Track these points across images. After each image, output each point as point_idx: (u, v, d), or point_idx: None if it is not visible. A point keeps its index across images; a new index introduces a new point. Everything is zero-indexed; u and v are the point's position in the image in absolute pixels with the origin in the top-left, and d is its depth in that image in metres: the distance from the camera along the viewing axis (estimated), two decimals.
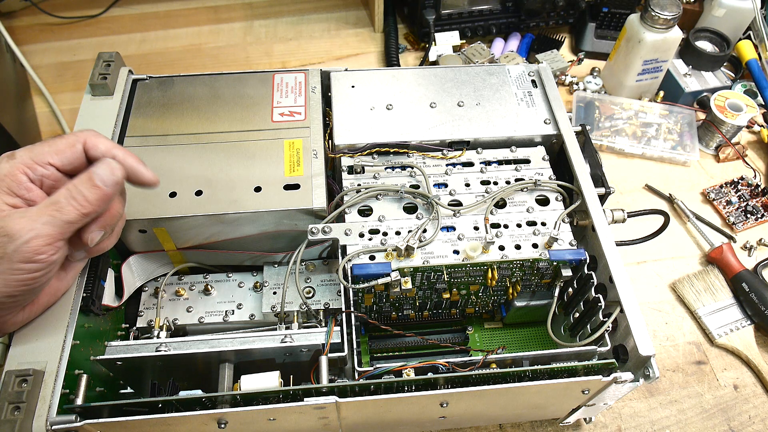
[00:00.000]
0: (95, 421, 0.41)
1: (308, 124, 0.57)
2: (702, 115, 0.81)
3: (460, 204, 0.53)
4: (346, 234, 0.50)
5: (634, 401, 0.60)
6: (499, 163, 0.57)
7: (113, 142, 0.45)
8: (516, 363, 0.49)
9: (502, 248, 0.50)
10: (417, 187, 0.54)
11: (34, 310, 0.43)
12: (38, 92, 0.86)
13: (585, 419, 0.59)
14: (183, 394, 0.45)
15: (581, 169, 0.55)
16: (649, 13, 0.76)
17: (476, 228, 0.52)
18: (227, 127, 0.56)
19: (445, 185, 0.55)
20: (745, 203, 0.75)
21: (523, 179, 0.55)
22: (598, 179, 0.55)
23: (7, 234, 0.37)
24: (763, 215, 0.74)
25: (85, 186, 0.40)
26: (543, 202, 0.54)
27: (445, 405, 0.47)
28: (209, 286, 0.55)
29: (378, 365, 0.48)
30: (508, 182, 0.55)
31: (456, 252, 0.50)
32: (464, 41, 0.91)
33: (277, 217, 0.52)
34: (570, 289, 0.54)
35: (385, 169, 0.55)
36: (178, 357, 0.47)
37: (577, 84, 0.88)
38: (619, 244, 0.53)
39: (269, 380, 0.45)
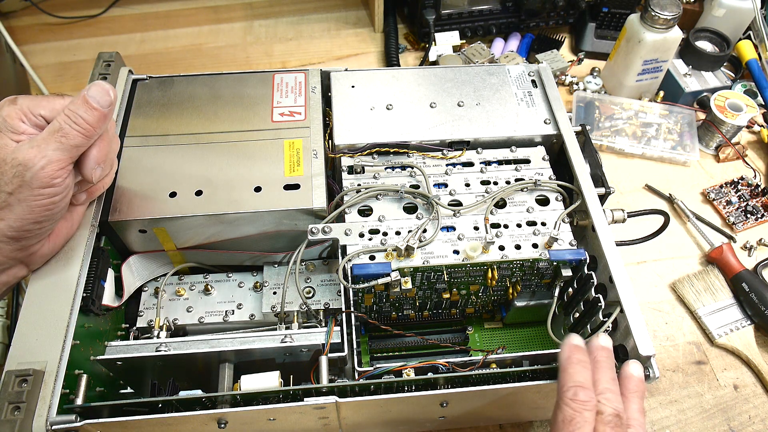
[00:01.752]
0: (95, 421, 0.41)
1: (308, 124, 0.57)
2: (702, 115, 0.81)
3: (460, 204, 0.53)
4: (346, 234, 0.50)
5: None
6: (499, 163, 0.57)
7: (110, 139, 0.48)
8: (516, 363, 0.49)
9: (502, 248, 0.51)
10: (417, 187, 0.54)
11: (52, 245, 0.46)
12: (38, 92, 0.86)
13: None
14: (183, 394, 0.45)
15: (581, 169, 0.55)
16: (649, 13, 0.76)
17: (476, 228, 0.52)
18: (227, 127, 0.56)
19: (445, 185, 0.55)
20: (745, 203, 0.75)
21: (523, 179, 0.55)
22: (598, 179, 0.55)
23: (22, 163, 0.40)
24: (763, 215, 0.74)
25: (83, 109, 0.42)
26: (543, 202, 0.54)
27: (445, 405, 0.47)
28: (209, 286, 0.55)
29: (378, 365, 0.49)
30: (508, 182, 0.55)
31: (456, 252, 0.50)
32: (464, 41, 0.91)
33: (277, 217, 0.52)
34: (570, 289, 0.54)
35: (385, 169, 0.55)
36: (178, 357, 0.47)
37: (577, 84, 0.88)
38: (619, 244, 0.53)
39: (269, 380, 0.45)
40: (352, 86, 0.61)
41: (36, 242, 0.44)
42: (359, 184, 0.54)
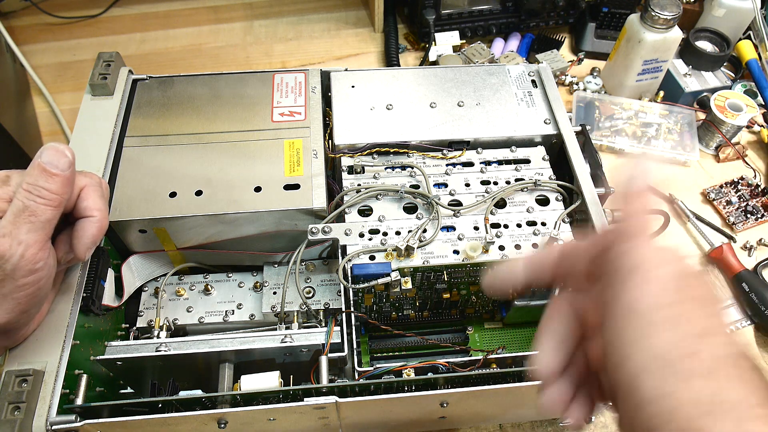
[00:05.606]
0: (95, 421, 0.41)
1: (308, 124, 0.57)
2: (702, 115, 0.81)
3: (460, 204, 0.53)
4: (346, 234, 0.50)
5: None
6: (499, 163, 0.57)
7: (104, 201, 0.44)
8: (516, 363, 0.49)
9: (502, 248, 0.50)
10: (417, 187, 0.54)
11: (37, 323, 0.44)
12: (38, 92, 0.85)
13: None
14: (183, 394, 0.45)
15: (581, 169, 0.55)
16: (649, 13, 0.76)
17: (476, 228, 0.52)
18: (227, 127, 0.56)
19: (445, 185, 0.55)
20: (745, 203, 0.75)
21: (523, 179, 0.55)
22: (598, 179, 0.55)
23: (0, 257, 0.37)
24: (763, 215, 0.74)
25: (42, 179, 0.38)
26: (543, 202, 0.54)
27: (445, 405, 0.47)
28: (209, 286, 0.55)
29: (378, 365, 0.49)
30: (508, 182, 0.55)
31: (456, 252, 0.50)
32: (464, 41, 0.91)
33: (277, 217, 0.52)
34: None
35: (385, 169, 0.55)
36: (178, 357, 0.47)
37: (577, 84, 0.88)
38: None
39: (269, 380, 0.45)
40: (352, 86, 0.61)
41: (23, 328, 0.42)
42: (359, 184, 0.54)
